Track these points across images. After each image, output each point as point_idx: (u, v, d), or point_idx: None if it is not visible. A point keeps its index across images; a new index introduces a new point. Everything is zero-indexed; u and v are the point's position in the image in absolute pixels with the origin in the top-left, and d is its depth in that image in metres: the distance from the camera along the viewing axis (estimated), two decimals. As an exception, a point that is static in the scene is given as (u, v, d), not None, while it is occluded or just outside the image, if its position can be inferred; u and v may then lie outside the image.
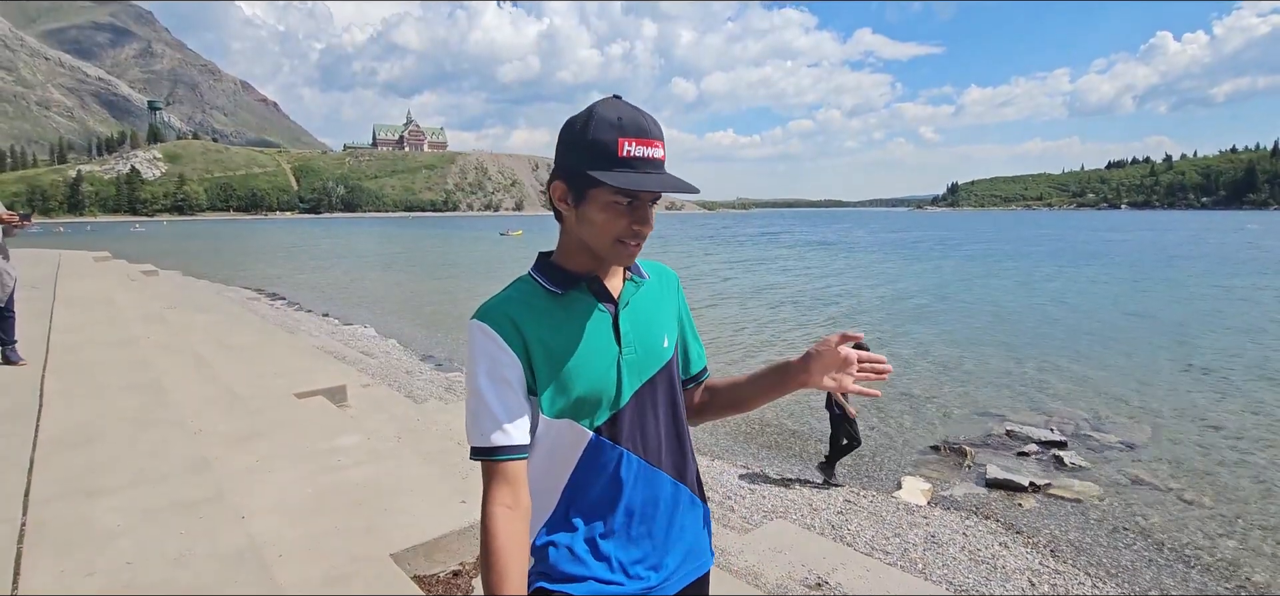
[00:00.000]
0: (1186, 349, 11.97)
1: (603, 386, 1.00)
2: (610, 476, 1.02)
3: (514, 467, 0.96)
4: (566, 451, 1.02)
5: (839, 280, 25.01)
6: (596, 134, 0.94)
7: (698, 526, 1.13)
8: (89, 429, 3.46)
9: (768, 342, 12.87)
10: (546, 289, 1.02)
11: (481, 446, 0.96)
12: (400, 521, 2.83)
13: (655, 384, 1.06)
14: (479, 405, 0.96)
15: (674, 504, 1.07)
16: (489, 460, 0.96)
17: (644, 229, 0.98)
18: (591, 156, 0.94)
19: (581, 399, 0.99)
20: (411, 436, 5.03)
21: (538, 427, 1.00)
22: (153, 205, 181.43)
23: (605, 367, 1.01)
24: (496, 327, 0.97)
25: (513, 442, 0.96)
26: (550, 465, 1.02)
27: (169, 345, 6.06)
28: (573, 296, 1.02)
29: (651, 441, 1.05)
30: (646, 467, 1.04)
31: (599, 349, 1.01)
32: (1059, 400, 8.85)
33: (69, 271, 10.97)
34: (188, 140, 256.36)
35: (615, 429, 1.02)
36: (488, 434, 0.95)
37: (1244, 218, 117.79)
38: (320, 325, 14.47)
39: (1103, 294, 19.96)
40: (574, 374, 0.98)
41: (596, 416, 1.01)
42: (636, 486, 1.03)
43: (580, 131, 0.96)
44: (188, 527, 2.48)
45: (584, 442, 1.01)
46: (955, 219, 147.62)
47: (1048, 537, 5.17)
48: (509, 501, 0.94)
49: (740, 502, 5.48)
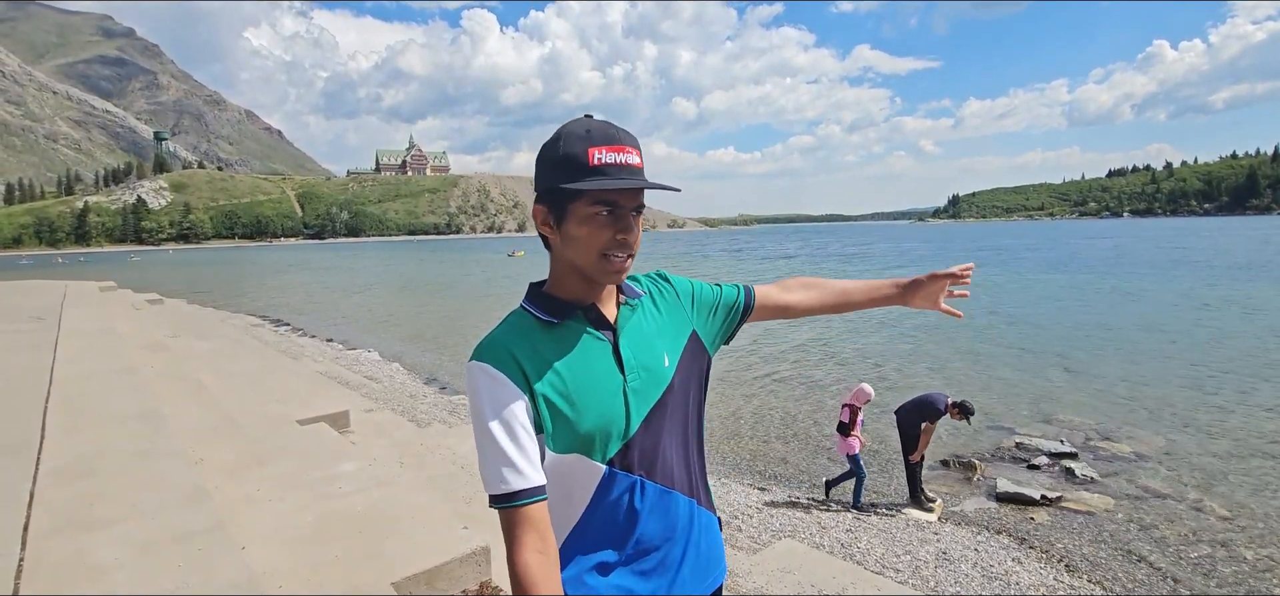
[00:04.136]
0: (1196, 356, 11.86)
1: (611, 417, 0.98)
2: (626, 507, 1.00)
3: (538, 510, 0.91)
4: (578, 487, 0.99)
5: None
6: (567, 149, 0.94)
7: (712, 538, 1.12)
8: (89, 460, 3.43)
9: (782, 353, 12.81)
10: (542, 320, 0.99)
11: (502, 493, 0.90)
12: (402, 549, 2.79)
13: (664, 405, 1.03)
14: (493, 450, 0.91)
15: (689, 522, 1.07)
16: (513, 507, 0.90)
17: (628, 237, 0.95)
18: (564, 171, 0.93)
19: (590, 433, 0.96)
20: (414, 461, 4.99)
21: (545, 465, 0.96)
22: (158, 234, 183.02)
23: (611, 398, 0.98)
24: (499, 366, 0.93)
25: (533, 484, 0.91)
26: (560, 502, 0.99)
27: (171, 373, 6.05)
28: (570, 326, 0.99)
29: (664, 463, 1.03)
30: (661, 491, 1.03)
31: (603, 379, 0.98)
32: (1068, 411, 8.76)
33: (74, 301, 11.01)
34: (193, 169, 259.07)
35: (627, 458, 0.99)
36: (507, 479, 0.90)
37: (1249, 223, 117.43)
38: (324, 350, 14.47)
39: (1109, 303, 19.86)
40: (581, 408, 0.96)
41: (608, 448, 0.98)
42: (653, 513, 1.02)
43: (551, 150, 0.96)
44: (186, 560, 2.44)
45: (597, 476, 0.98)
46: (958, 230, 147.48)
47: (1061, 551, 5.08)
48: (539, 546, 0.89)
49: (748, 522, 5.41)
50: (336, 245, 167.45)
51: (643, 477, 1.00)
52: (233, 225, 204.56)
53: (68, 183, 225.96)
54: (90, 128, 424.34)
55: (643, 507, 1.00)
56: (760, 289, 1.25)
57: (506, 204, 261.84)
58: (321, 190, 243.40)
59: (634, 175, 0.95)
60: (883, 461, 7.07)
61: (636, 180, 0.94)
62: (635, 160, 0.95)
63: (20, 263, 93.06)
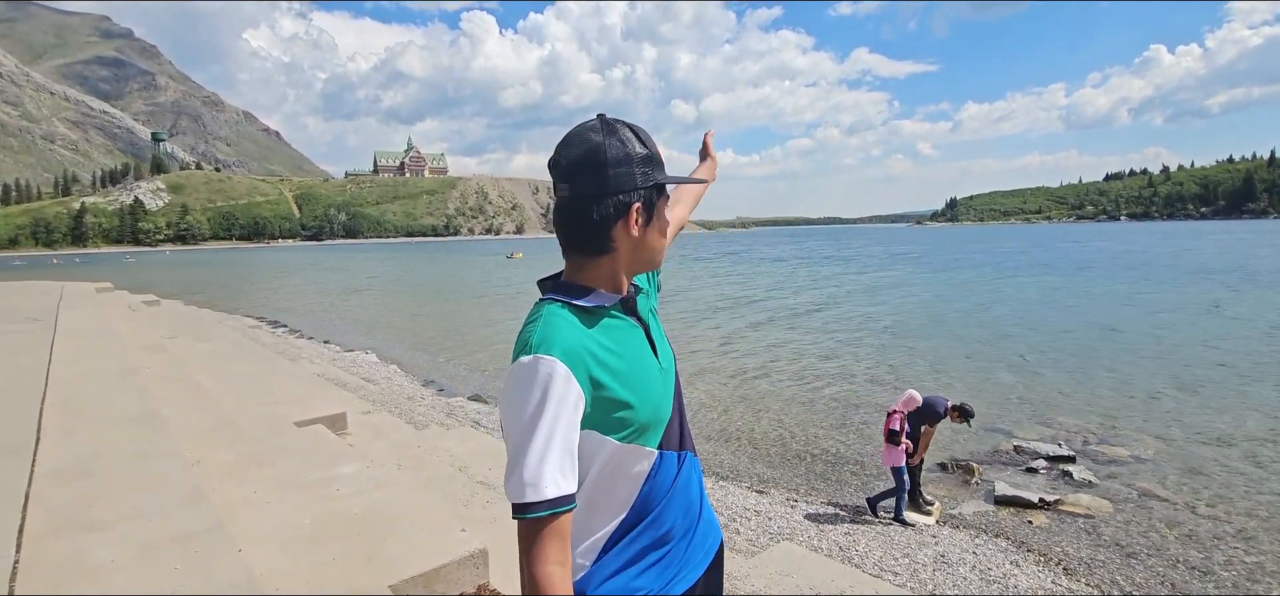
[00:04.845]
0: (1193, 359, 11.89)
1: (660, 402, 1.02)
2: (672, 482, 1.05)
3: (568, 520, 0.88)
4: (629, 477, 1.00)
5: (846, 294, 24.97)
6: (648, 147, 0.99)
7: (705, 488, 1.20)
8: (87, 461, 3.42)
9: (775, 345, 12.82)
10: (591, 315, 0.98)
11: (540, 500, 0.84)
12: (400, 551, 2.78)
13: (678, 380, 1.12)
14: (549, 452, 0.86)
15: (700, 480, 1.15)
16: (551, 515, 0.85)
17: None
18: (659, 167, 1.00)
19: (647, 421, 0.99)
20: (412, 463, 4.98)
21: (599, 459, 0.96)
22: (155, 235, 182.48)
23: (655, 382, 1.02)
24: (568, 361, 0.89)
25: (572, 492, 0.88)
26: (607, 494, 0.99)
27: (169, 375, 6.03)
28: (614, 319, 1.01)
29: (686, 433, 1.10)
30: (687, 458, 1.09)
31: (650, 367, 1.02)
32: (1065, 414, 8.77)
33: (71, 302, 10.98)
34: (191, 170, 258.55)
35: (670, 438, 1.05)
36: (556, 485, 0.85)
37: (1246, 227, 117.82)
38: (321, 352, 14.44)
39: (1104, 305, 19.90)
40: (641, 396, 0.98)
41: (658, 433, 1.02)
42: (689, 481, 1.09)
43: (630, 148, 0.96)
44: (184, 562, 2.44)
45: (650, 460, 1.01)
46: (958, 233, 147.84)
47: (1059, 554, 5.09)
48: (561, 558, 0.86)
49: (746, 525, 5.41)
50: (334, 246, 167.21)
51: (680, 452, 1.07)
52: (230, 226, 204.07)
53: (65, 183, 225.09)
54: (88, 128, 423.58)
55: (684, 480, 1.07)
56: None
57: (505, 206, 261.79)
58: (319, 191, 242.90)
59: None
60: (880, 465, 7.07)
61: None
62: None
63: (13, 264, 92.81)
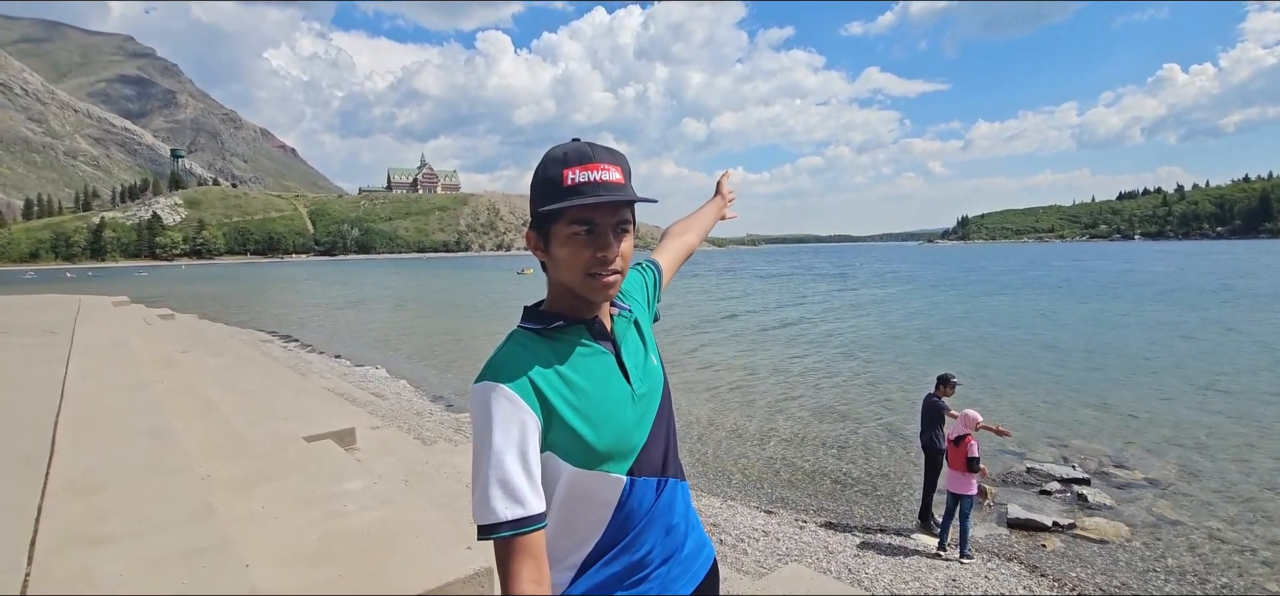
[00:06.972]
0: (1210, 381, 11.69)
1: (626, 429, 0.99)
2: (649, 508, 1.02)
3: (539, 539, 0.88)
4: (600, 501, 0.98)
5: (853, 313, 24.83)
6: (545, 173, 0.97)
7: (693, 510, 1.16)
8: (97, 475, 3.45)
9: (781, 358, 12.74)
10: (546, 339, 0.99)
11: (508, 520, 0.86)
12: (405, 568, 2.78)
13: (663, 403, 1.08)
14: (499, 474, 0.87)
15: (686, 503, 1.12)
16: (518, 535, 0.86)
17: (607, 255, 0.95)
18: (543, 195, 0.97)
19: (610, 447, 0.96)
20: (420, 480, 4.98)
21: (561, 483, 0.95)
22: (172, 249, 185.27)
23: (624, 409, 0.99)
24: (515, 387, 0.90)
25: (539, 511, 0.88)
26: (580, 518, 0.98)
27: (180, 389, 6.09)
28: (574, 343, 1.00)
29: (668, 456, 1.07)
30: (669, 483, 1.06)
31: (614, 392, 0.99)
32: (1079, 436, 8.64)
33: (87, 316, 11.14)
34: (208, 186, 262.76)
35: (644, 463, 1.01)
36: (516, 506, 0.86)
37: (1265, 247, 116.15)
38: (331, 367, 14.53)
39: (1119, 326, 19.64)
40: (598, 423, 0.95)
41: (627, 459, 0.99)
42: (671, 506, 1.06)
43: (535, 176, 0.99)
44: (190, 578, 2.45)
45: (619, 487, 0.98)
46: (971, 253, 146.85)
47: (1074, 581, 4.98)
48: (536, 577, 0.86)
49: (753, 546, 5.35)
50: (346, 262, 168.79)
51: (659, 478, 1.04)
52: (245, 241, 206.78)
53: (85, 199, 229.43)
54: (109, 145, 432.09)
55: (660, 506, 1.03)
56: (661, 258, 1.38)
57: (516, 222, 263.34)
58: (333, 207, 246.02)
59: (609, 191, 0.94)
60: (892, 486, 6.98)
61: (612, 193, 0.94)
62: (613, 177, 0.95)
63: (25, 276, 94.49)
